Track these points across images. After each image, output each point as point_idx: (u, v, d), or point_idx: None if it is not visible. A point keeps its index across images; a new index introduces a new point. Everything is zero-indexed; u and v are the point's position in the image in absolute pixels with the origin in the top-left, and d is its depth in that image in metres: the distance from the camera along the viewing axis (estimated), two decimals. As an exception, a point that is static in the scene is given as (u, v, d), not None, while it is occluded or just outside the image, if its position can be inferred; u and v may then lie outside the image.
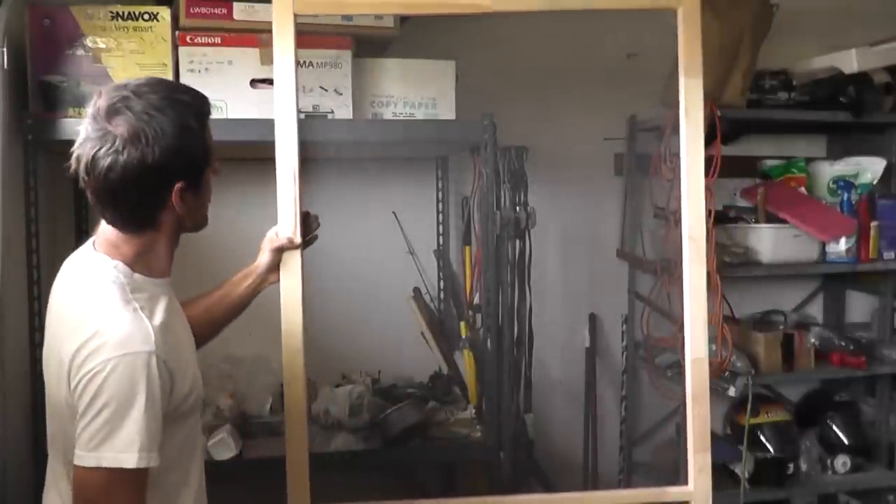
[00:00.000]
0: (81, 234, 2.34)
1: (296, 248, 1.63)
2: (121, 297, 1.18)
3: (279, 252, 1.62)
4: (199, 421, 1.35)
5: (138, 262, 1.24)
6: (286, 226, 1.66)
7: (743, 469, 2.50)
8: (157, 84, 1.21)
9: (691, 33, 1.73)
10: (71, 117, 1.92)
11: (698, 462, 1.73)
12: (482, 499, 1.89)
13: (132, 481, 1.12)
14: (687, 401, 1.74)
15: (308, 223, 1.68)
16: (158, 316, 1.21)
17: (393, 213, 2.56)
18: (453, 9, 1.74)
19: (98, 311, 1.16)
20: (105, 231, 1.25)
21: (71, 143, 1.26)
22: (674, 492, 1.79)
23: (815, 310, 3.00)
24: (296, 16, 1.67)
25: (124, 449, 1.10)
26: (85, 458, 1.10)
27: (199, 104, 1.24)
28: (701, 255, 1.69)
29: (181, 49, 1.98)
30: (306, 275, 1.66)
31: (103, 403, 1.10)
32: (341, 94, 2.09)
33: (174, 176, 1.20)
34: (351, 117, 2.09)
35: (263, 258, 1.62)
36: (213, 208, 2.56)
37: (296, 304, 1.65)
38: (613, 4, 1.85)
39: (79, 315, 1.17)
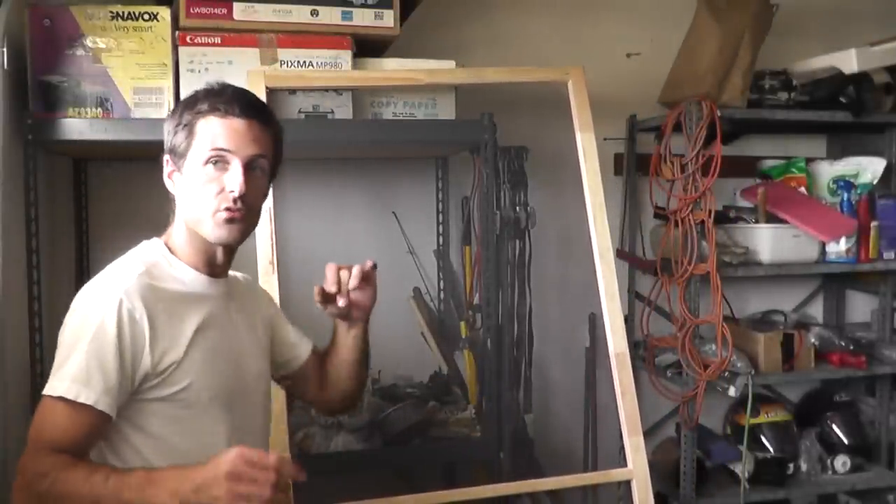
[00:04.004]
0: (81, 234, 2.34)
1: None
2: (130, 258, 1.31)
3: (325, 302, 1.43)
4: (222, 422, 1.30)
5: (175, 245, 1.33)
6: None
7: (743, 469, 2.50)
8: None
9: (580, 98, 2.16)
10: (71, 117, 1.92)
11: (633, 444, 2.01)
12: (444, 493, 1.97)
13: (66, 412, 1.16)
14: (616, 391, 2.03)
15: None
16: (169, 291, 1.26)
17: (393, 213, 2.56)
18: (395, 81, 2.12)
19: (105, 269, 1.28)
20: None
21: (71, 143, 1.28)
22: (616, 473, 2.11)
23: (815, 310, 3.00)
24: (267, 88, 1.98)
25: (61, 378, 1.17)
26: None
27: (199, 99, 1.29)
28: (611, 268, 2.09)
29: (181, 49, 1.98)
30: (307, 275, 1.66)
31: (61, 339, 1.23)
32: (341, 95, 2.09)
33: (166, 151, 1.31)
34: (351, 117, 2.09)
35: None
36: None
37: None
38: (518, 77, 2.24)
39: None
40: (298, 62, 2.05)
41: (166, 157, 1.31)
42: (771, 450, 2.56)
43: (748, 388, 2.42)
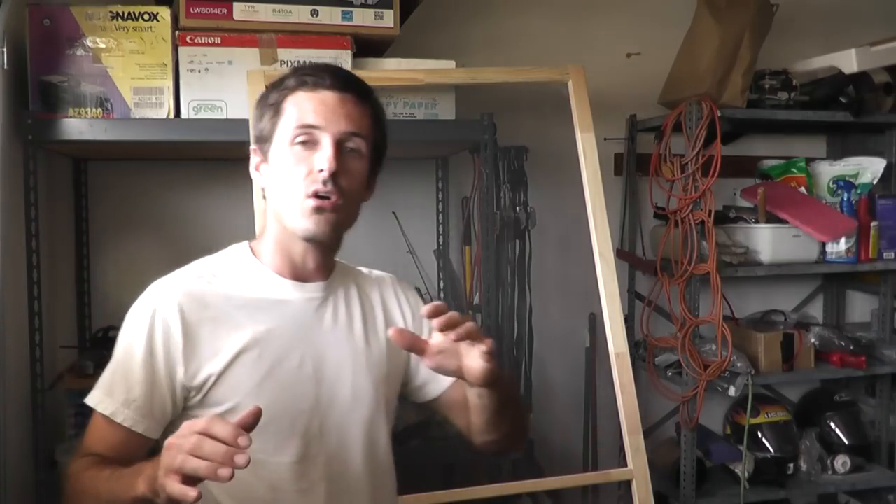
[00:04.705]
0: (81, 234, 2.34)
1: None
2: (197, 262, 1.20)
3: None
4: (287, 450, 1.12)
5: (260, 247, 1.20)
6: None
7: (743, 469, 2.50)
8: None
9: (580, 98, 2.15)
10: (71, 117, 1.92)
11: (633, 444, 2.00)
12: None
13: (97, 421, 1.11)
14: (616, 391, 2.01)
15: None
16: (229, 298, 1.13)
17: (393, 213, 2.56)
18: (395, 81, 2.10)
19: None
20: None
21: (71, 143, 1.26)
22: (616, 473, 2.10)
23: (815, 310, 3.00)
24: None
25: (96, 385, 1.12)
26: None
27: (287, 76, 1.16)
28: (611, 268, 2.08)
29: (181, 49, 1.98)
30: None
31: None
32: (341, 94, 2.08)
33: (252, 142, 1.18)
34: (351, 117, 2.09)
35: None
36: (214, 208, 2.57)
37: None
38: (518, 77, 2.21)
39: None
40: (298, 62, 2.04)
41: (252, 147, 1.19)
42: (771, 450, 2.56)
43: (748, 388, 2.42)
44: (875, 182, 2.67)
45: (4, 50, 1.85)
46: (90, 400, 1.11)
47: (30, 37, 1.91)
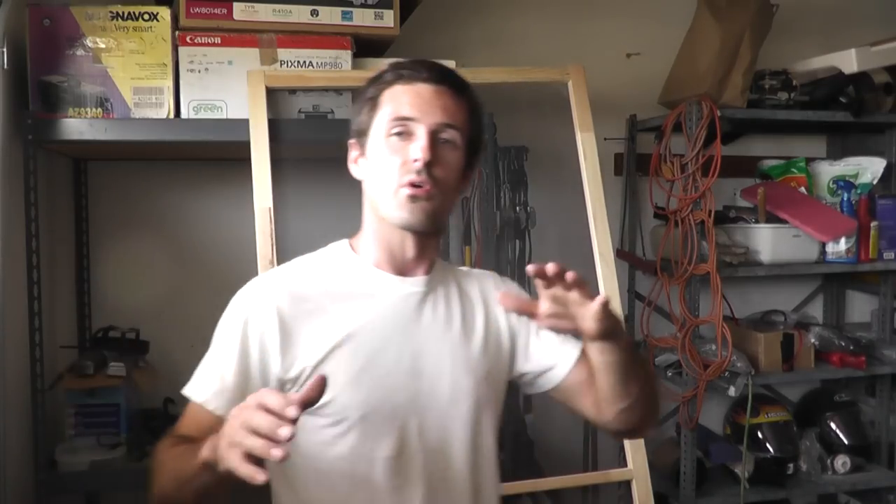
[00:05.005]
0: (81, 234, 2.34)
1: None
2: (297, 259, 1.21)
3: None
4: (381, 446, 1.11)
5: (359, 242, 1.21)
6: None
7: (743, 469, 2.50)
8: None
9: (580, 98, 2.17)
10: (71, 117, 1.92)
11: (633, 444, 2.06)
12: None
13: (191, 407, 1.13)
14: None
15: None
16: (326, 292, 1.14)
17: (393, 213, 2.56)
18: None
19: None
20: None
21: (71, 143, 1.26)
22: (616, 473, 2.14)
23: (815, 310, 3.00)
24: (267, 88, 1.97)
25: (194, 375, 1.14)
26: None
27: (385, 71, 1.18)
28: (611, 268, 2.12)
29: (181, 49, 1.98)
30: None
31: None
32: (341, 95, 2.09)
33: (351, 136, 1.20)
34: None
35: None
36: (214, 208, 2.56)
37: None
38: (518, 77, 2.22)
39: None
40: (298, 62, 2.05)
41: (351, 140, 1.20)
42: (771, 450, 2.56)
43: (748, 388, 2.42)
44: (875, 182, 2.67)
45: (4, 50, 1.85)
46: (188, 389, 1.13)
47: (30, 37, 1.91)
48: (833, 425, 2.68)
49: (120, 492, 2.30)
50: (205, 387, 1.12)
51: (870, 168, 2.68)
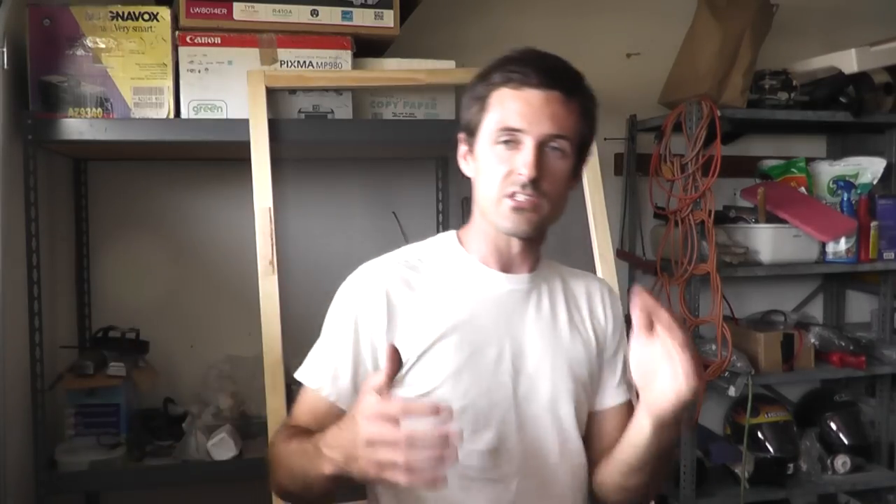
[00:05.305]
0: (81, 234, 2.34)
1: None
2: (404, 247, 1.23)
3: None
4: (472, 442, 1.10)
5: (467, 236, 1.21)
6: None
7: (743, 469, 2.50)
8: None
9: None
10: (71, 117, 1.92)
11: None
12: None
13: (305, 393, 1.16)
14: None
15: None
16: (434, 283, 1.15)
17: (393, 213, 2.56)
18: (394, 81, 2.11)
19: None
20: None
21: (71, 143, 1.26)
22: None
23: (815, 310, 3.00)
24: (267, 88, 1.96)
25: (306, 360, 1.17)
26: None
27: (494, 67, 1.14)
28: (611, 268, 2.10)
29: (181, 49, 1.98)
30: (307, 275, 1.67)
31: None
32: (341, 95, 2.09)
33: (461, 129, 1.19)
34: (351, 117, 2.09)
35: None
36: (214, 208, 2.56)
37: (274, 318, 1.84)
38: None
39: None
40: (298, 62, 2.05)
41: (460, 135, 1.20)
42: (771, 450, 2.56)
43: (748, 388, 2.42)
44: (875, 182, 2.67)
45: (4, 50, 1.85)
46: (298, 373, 1.16)
47: (30, 37, 1.91)
48: (833, 425, 2.68)
49: (120, 492, 2.31)
50: (318, 373, 1.14)
51: (870, 168, 2.68)
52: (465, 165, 1.20)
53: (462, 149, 1.20)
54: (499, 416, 1.13)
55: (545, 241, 1.23)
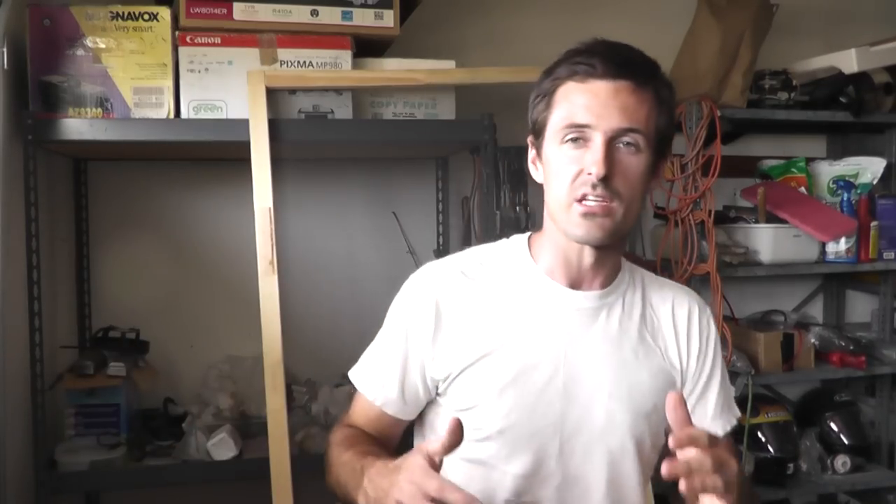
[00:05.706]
0: (81, 234, 2.34)
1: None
2: (469, 250, 1.18)
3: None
4: (513, 466, 1.07)
5: (537, 243, 1.13)
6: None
7: (743, 469, 2.49)
8: None
9: None
10: (71, 117, 1.92)
11: None
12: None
13: (359, 399, 1.17)
14: None
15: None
16: (493, 294, 1.09)
17: (393, 213, 2.56)
18: (395, 81, 2.10)
19: None
20: None
21: (71, 143, 1.25)
22: None
23: (815, 310, 3.00)
24: (267, 88, 1.96)
25: (359, 361, 1.18)
26: None
27: (560, 61, 1.06)
28: None
29: (181, 49, 1.98)
30: (307, 275, 1.67)
31: None
32: (341, 95, 2.09)
33: (529, 131, 1.11)
34: (351, 117, 2.09)
35: None
36: (214, 208, 2.56)
37: (274, 318, 1.85)
38: (518, 77, 2.14)
39: None
40: (298, 62, 2.05)
41: (529, 138, 1.11)
42: (771, 450, 2.56)
43: (748, 388, 2.42)
44: (875, 182, 2.67)
45: (4, 50, 1.85)
46: (352, 373, 1.17)
47: (30, 37, 1.91)
48: (833, 425, 2.68)
49: (120, 492, 2.31)
50: (368, 379, 1.15)
51: (870, 168, 2.68)
52: (535, 171, 1.11)
53: (531, 153, 1.11)
54: (539, 442, 1.07)
55: (625, 248, 1.14)
